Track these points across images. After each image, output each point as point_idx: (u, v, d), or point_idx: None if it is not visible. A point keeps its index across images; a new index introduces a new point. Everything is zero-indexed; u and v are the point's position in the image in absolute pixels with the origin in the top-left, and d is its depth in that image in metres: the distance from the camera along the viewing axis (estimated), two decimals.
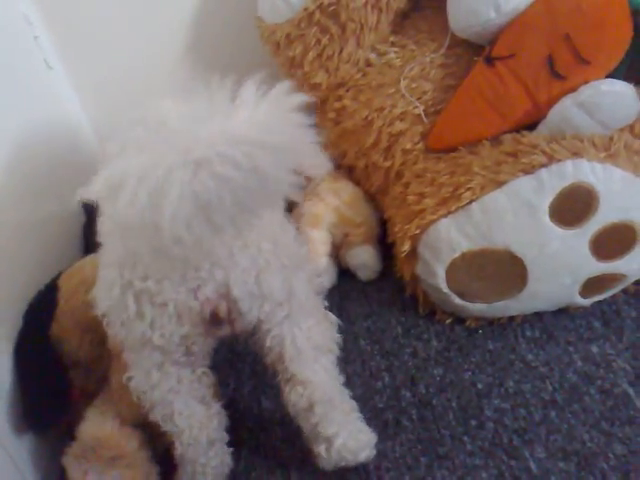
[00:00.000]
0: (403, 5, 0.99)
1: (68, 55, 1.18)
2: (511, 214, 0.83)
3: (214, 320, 0.68)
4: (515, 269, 0.84)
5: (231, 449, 0.82)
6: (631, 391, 0.81)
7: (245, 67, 1.20)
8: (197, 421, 0.76)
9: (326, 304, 0.81)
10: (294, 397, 0.75)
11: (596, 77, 0.84)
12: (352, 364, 0.93)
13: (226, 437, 0.81)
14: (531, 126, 0.89)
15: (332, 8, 0.94)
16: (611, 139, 0.83)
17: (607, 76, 0.85)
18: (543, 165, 0.81)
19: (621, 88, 0.83)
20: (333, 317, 0.80)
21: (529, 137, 0.86)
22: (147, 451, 0.83)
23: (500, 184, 0.83)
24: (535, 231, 0.82)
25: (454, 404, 0.85)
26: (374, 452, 0.79)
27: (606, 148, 0.82)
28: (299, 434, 0.79)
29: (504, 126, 0.90)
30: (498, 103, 0.89)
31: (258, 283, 0.67)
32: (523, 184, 0.82)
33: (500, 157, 0.86)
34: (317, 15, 0.95)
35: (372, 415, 0.84)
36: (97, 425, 0.81)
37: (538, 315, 0.92)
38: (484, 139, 0.91)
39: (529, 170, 0.82)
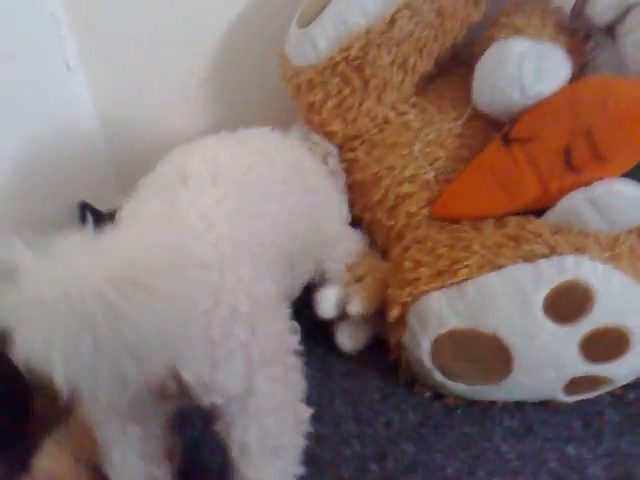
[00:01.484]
0: (429, 69, 0.98)
1: (89, 59, 1.17)
2: (505, 299, 0.81)
3: (162, 395, 0.62)
4: (501, 356, 0.82)
5: None
6: None
7: (260, 95, 1.22)
8: (131, 477, 0.71)
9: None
10: None
11: (611, 175, 0.82)
12: (324, 425, 0.90)
13: None
14: (538, 211, 0.88)
15: (358, 62, 0.94)
16: (617, 239, 0.81)
17: (622, 176, 0.83)
18: (544, 256, 0.79)
19: (635, 190, 0.82)
20: (306, 412, 0.73)
21: (534, 224, 0.84)
22: None
23: (498, 267, 0.81)
24: (526, 321, 0.80)
25: None
26: None
27: (610, 248, 0.80)
28: None
29: (511, 207, 0.88)
30: (508, 184, 0.88)
31: (212, 374, 0.61)
32: (521, 271, 0.80)
33: (502, 239, 0.84)
34: (342, 66, 0.95)
35: None
36: (53, 460, 0.77)
37: (519, 405, 0.89)
38: (490, 217, 0.89)
39: (529, 258, 0.80)
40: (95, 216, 1.17)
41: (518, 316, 0.80)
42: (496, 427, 0.88)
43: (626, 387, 0.89)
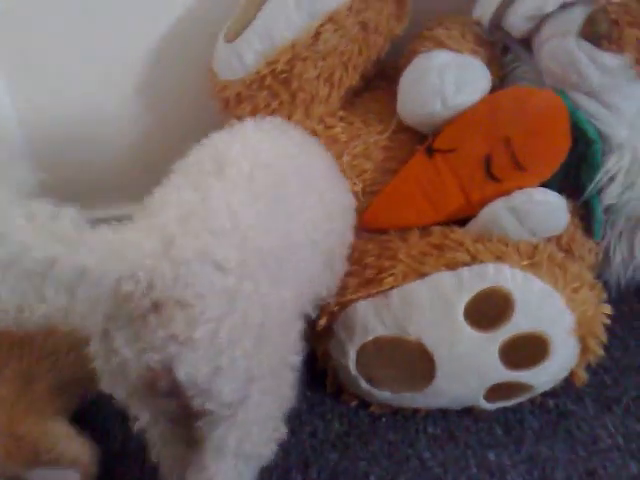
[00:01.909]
0: (355, 83, 0.98)
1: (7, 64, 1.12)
2: (428, 307, 0.81)
3: (152, 389, 0.61)
4: (424, 363, 0.82)
5: None
6: None
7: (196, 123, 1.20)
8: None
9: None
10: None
11: (531, 184, 0.85)
12: None
13: None
14: (463, 221, 0.89)
15: (284, 75, 0.94)
16: (536, 248, 0.83)
17: (542, 185, 0.86)
18: (466, 264, 0.81)
19: (553, 199, 0.84)
20: (283, 428, 0.71)
21: (457, 233, 0.86)
22: None
23: (422, 275, 0.82)
24: (448, 328, 0.81)
25: None
26: None
27: (529, 256, 0.82)
28: None
29: (436, 217, 0.90)
30: (432, 194, 0.89)
31: (210, 381, 0.59)
32: (444, 279, 0.81)
33: (426, 248, 0.85)
34: (269, 80, 0.94)
35: None
36: None
37: (443, 412, 0.90)
38: (416, 227, 0.90)
39: (452, 266, 0.81)
40: None
41: (440, 324, 0.81)
42: (420, 434, 0.88)
43: (546, 394, 0.90)
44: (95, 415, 0.92)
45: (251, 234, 0.64)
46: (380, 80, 1.04)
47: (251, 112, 0.99)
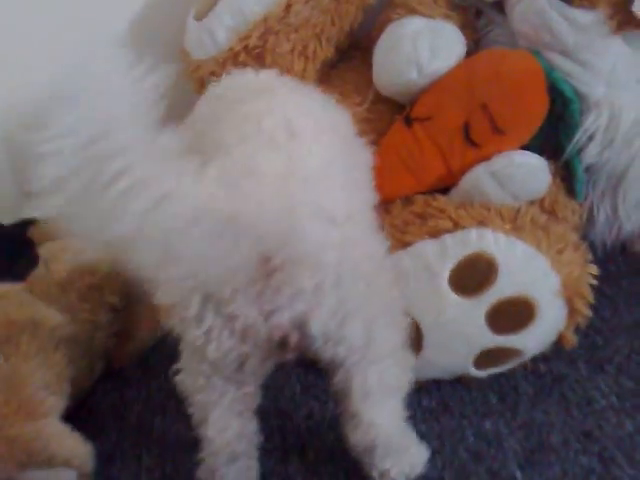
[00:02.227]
0: (330, 55, 0.98)
1: None
2: (413, 277, 0.80)
3: (281, 346, 0.64)
4: (411, 334, 0.81)
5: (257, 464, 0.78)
6: (519, 475, 0.78)
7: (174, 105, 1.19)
8: (227, 435, 0.73)
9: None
10: (355, 437, 0.73)
11: (510, 148, 0.84)
12: None
13: (255, 453, 0.77)
14: (445, 190, 0.88)
15: (257, 51, 0.93)
16: (518, 211, 0.82)
17: (522, 148, 0.84)
18: (448, 231, 0.80)
19: (534, 161, 0.83)
20: (411, 359, 0.76)
21: (439, 201, 0.85)
22: None
23: (405, 245, 0.81)
24: (433, 297, 0.80)
25: (341, 474, 0.81)
26: (425, 466, 0.77)
27: (512, 220, 0.81)
28: None
29: (418, 188, 0.89)
30: (413, 165, 0.88)
31: (339, 327, 0.63)
32: (427, 248, 0.80)
33: (409, 217, 0.84)
34: (242, 56, 0.93)
35: None
36: None
37: (436, 384, 0.89)
38: (397, 198, 0.89)
39: (434, 234, 0.81)
40: None
41: (425, 293, 0.80)
42: (415, 408, 0.87)
43: (538, 359, 0.89)
44: (88, 414, 0.91)
45: (347, 187, 0.68)
46: (354, 51, 1.03)
47: None
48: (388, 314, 0.70)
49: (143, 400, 0.94)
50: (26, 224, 1.08)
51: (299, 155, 0.65)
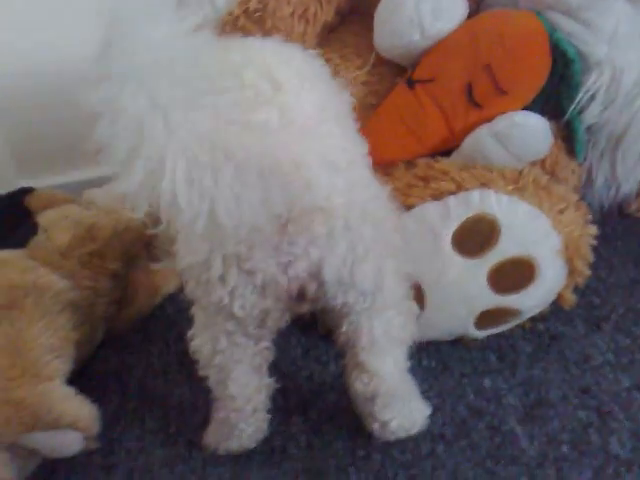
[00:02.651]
0: (331, 18, 0.96)
1: None
2: (417, 239, 0.81)
3: (298, 298, 0.66)
4: (414, 294, 0.82)
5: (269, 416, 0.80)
6: (518, 430, 0.80)
7: None
8: (249, 390, 0.75)
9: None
10: (358, 385, 0.74)
11: (513, 108, 0.84)
12: None
13: (268, 405, 0.79)
14: (447, 152, 0.88)
15: (258, 14, 0.91)
16: (520, 172, 0.83)
17: (524, 109, 0.85)
18: (451, 192, 0.81)
19: (536, 121, 0.83)
20: (415, 308, 0.78)
21: (442, 163, 0.85)
22: (11, 473, 0.76)
23: (409, 207, 0.82)
24: (436, 258, 0.81)
25: (344, 432, 0.82)
26: (426, 423, 0.80)
27: (514, 181, 0.82)
28: (182, 457, 0.79)
29: (420, 150, 0.89)
30: (415, 127, 0.88)
31: (352, 272, 0.64)
32: (430, 209, 0.81)
33: (412, 180, 0.85)
34: (242, 20, 0.92)
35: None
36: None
37: (435, 345, 0.91)
38: (400, 161, 0.89)
39: (437, 196, 0.81)
40: None
41: (428, 254, 0.81)
42: (415, 368, 0.88)
43: (537, 319, 0.91)
44: (89, 380, 0.92)
45: (343, 133, 0.68)
46: (355, 15, 1.02)
47: None
48: (395, 260, 0.71)
49: (144, 365, 0.95)
50: (22, 193, 1.07)
51: (290, 106, 0.64)
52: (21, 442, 0.76)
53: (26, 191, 1.07)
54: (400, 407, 0.76)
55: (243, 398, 0.75)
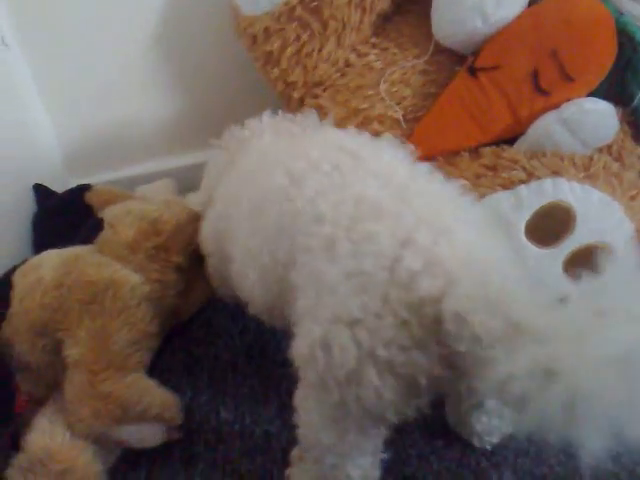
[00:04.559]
0: (387, 7, 0.96)
1: (25, 35, 1.10)
2: None
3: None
4: None
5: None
6: None
7: (218, 65, 1.18)
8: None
9: None
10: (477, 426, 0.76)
11: (579, 95, 0.84)
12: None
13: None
14: (509, 140, 0.88)
15: (315, 4, 0.91)
16: (591, 159, 0.83)
17: (589, 94, 0.84)
18: (522, 181, 0.81)
19: (603, 107, 0.83)
20: None
21: (509, 152, 0.85)
22: (98, 466, 0.77)
23: (479, 197, 0.82)
24: (511, 249, 0.81)
25: (421, 423, 0.82)
26: None
27: (586, 168, 0.82)
28: (260, 448, 0.76)
29: (483, 138, 0.89)
30: (479, 115, 0.88)
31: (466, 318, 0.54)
32: (501, 199, 0.81)
33: (479, 170, 0.85)
34: (299, 10, 0.92)
35: None
36: (47, 436, 0.75)
37: None
38: (462, 150, 0.89)
39: (508, 185, 0.81)
40: (49, 196, 1.13)
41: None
42: None
43: None
44: (160, 373, 0.92)
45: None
46: (410, 3, 1.01)
47: (281, 46, 0.96)
48: None
49: (212, 358, 0.96)
50: (81, 190, 1.08)
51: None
52: (110, 434, 0.78)
53: (84, 188, 1.09)
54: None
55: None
